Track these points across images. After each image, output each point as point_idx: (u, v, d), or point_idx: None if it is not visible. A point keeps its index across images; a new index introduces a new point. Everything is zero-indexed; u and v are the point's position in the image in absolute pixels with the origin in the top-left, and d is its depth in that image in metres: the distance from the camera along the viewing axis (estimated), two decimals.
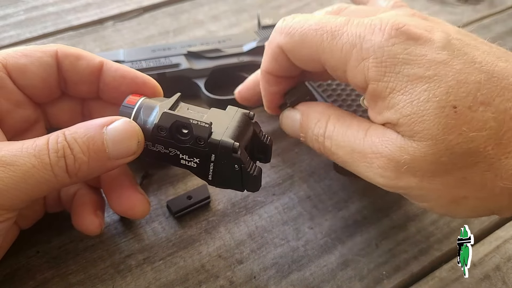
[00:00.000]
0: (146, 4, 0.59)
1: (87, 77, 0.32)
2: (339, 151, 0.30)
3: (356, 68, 0.28)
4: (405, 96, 0.26)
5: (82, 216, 0.32)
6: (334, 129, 0.31)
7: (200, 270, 0.35)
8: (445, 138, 0.25)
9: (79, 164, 0.27)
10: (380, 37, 0.27)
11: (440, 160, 0.26)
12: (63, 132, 0.27)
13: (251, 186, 0.30)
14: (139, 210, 0.33)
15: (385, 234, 0.38)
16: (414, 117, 0.26)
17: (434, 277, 0.35)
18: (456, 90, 0.25)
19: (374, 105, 0.29)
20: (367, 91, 0.28)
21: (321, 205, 0.39)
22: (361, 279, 0.35)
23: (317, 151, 0.33)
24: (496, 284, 0.35)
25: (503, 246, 0.38)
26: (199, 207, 0.38)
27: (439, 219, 0.39)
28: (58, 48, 0.31)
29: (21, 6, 0.57)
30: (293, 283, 0.34)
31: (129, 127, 0.28)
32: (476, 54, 0.27)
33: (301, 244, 0.37)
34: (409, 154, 0.26)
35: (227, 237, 0.37)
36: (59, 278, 0.33)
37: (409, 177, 0.27)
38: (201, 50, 0.47)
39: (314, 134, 0.32)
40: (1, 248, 0.30)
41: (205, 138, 0.28)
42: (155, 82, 0.33)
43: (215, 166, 0.29)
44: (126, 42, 0.53)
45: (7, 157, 0.25)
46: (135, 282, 0.33)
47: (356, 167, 0.30)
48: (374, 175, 0.28)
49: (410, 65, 0.26)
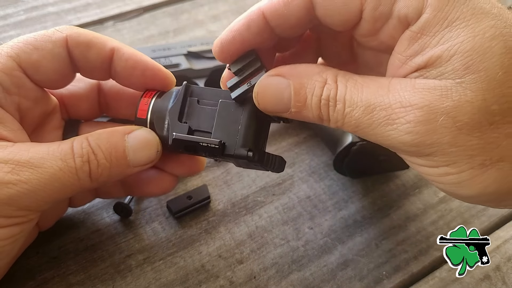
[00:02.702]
0: (146, 4, 0.59)
1: (99, 66, 0.31)
2: (354, 112, 0.25)
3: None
4: (467, 30, 0.23)
5: (155, 179, 0.34)
6: (347, 89, 0.26)
7: (200, 270, 0.35)
8: (504, 82, 0.22)
9: (102, 169, 0.28)
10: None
11: (490, 109, 0.23)
12: (86, 137, 0.28)
13: (276, 171, 0.31)
14: (200, 163, 0.34)
15: (385, 234, 0.38)
16: (474, 55, 0.23)
17: (434, 277, 0.35)
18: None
19: (407, 48, 0.25)
20: (415, 24, 0.25)
21: (321, 205, 0.39)
22: (361, 279, 0.35)
23: (320, 119, 0.27)
24: (496, 284, 0.35)
25: (503, 246, 0.38)
26: (199, 207, 0.38)
27: (439, 219, 0.39)
28: (68, 34, 0.30)
29: (21, 6, 0.57)
30: (293, 283, 0.34)
31: (150, 137, 0.30)
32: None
33: (301, 244, 0.37)
34: (453, 100, 0.23)
35: (227, 237, 0.37)
36: (59, 278, 0.33)
37: (444, 131, 0.23)
38: (201, 50, 0.47)
39: (323, 99, 0.26)
40: (20, 249, 0.31)
41: (218, 155, 0.29)
42: (165, 72, 0.32)
43: (236, 162, 0.31)
44: (126, 42, 0.53)
45: (35, 159, 0.26)
46: (135, 282, 0.33)
47: (374, 129, 0.25)
48: (398, 133, 0.24)
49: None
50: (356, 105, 0.25)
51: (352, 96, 0.26)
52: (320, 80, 0.26)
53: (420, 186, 0.42)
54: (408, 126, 0.24)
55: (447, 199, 0.41)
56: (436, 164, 0.25)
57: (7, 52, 0.29)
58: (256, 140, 0.29)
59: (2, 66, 0.28)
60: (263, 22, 0.27)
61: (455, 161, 0.24)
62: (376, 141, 0.26)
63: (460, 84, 0.23)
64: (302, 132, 0.45)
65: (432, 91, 0.24)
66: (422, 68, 0.25)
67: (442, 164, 0.25)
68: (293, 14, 0.27)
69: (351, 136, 0.38)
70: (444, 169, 0.25)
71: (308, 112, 0.27)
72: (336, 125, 0.27)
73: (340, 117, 0.26)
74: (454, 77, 0.23)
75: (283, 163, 0.31)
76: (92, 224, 0.37)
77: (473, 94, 0.23)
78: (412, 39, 0.25)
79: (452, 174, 0.25)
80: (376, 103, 0.25)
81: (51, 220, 0.34)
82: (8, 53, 0.29)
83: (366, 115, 0.25)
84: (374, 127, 0.25)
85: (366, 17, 0.26)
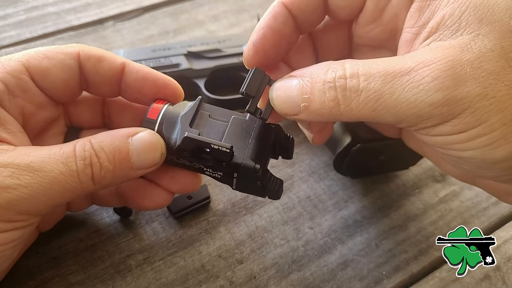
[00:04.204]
0: (146, 4, 0.59)
1: (109, 79, 0.32)
2: (372, 84, 0.24)
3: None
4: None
5: (150, 193, 0.33)
6: (359, 65, 0.25)
7: (200, 270, 0.35)
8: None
9: (105, 172, 0.27)
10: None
11: (509, 56, 0.23)
12: (89, 140, 0.28)
13: (273, 196, 0.31)
14: (196, 181, 0.33)
15: (385, 234, 0.38)
16: (484, 9, 0.23)
17: (434, 277, 0.35)
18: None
19: (418, 19, 0.26)
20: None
21: (321, 205, 0.39)
22: (361, 279, 0.35)
23: (329, 109, 0.25)
24: (496, 284, 0.35)
25: (503, 246, 0.38)
26: (199, 207, 0.38)
27: (439, 219, 0.39)
28: (80, 49, 0.31)
29: (21, 6, 0.57)
30: (293, 283, 0.34)
31: (154, 139, 0.29)
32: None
33: (301, 244, 0.37)
34: (474, 51, 0.23)
35: (227, 237, 0.37)
36: (59, 278, 0.33)
37: (473, 82, 0.23)
38: (201, 50, 0.47)
39: (328, 82, 0.25)
40: (20, 251, 0.31)
41: (226, 162, 0.28)
42: (176, 84, 0.33)
43: (237, 180, 0.30)
44: (126, 42, 0.53)
45: (35, 163, 0.26)
46: (135, 282, 0.33)
47: (398, 97, 0.23)
48: (426, 94, 0.23)
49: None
50: (373, 76, 0.24)
51: (367, 69, 0.24)
52: (326, 69, 0.25)
53: (420, 186, 0.42)
54: (436, 83, 0.23)
55: (447, 199, 0.41)
56: (466, 126, 0.23)
57: (17, 57, 0.30)
58: (263, 158, 0.30)
59: (10, 69, 0.29)
60: (286, 12, 0.28)
61: (486, 118, 0.23)
62: (400, 115, 0.24)
63: (477, 36, 0.23)
64: (302, 132, 0.45)
65: (452, 48, 0.23)
66: (435, 32, 0.25)
67: (472, 126, 0.23)
68: (309, 1, 0.28)
69: (351, 136, 0.38)
70: (474, 131, 0.23)
71: (316, 104, 0.25)
72: (349, 109, 0.25)
73: (354, 95, 0.24)
74: (470, 31, 0.23)
75: (281, 187, 0.31)
76: (92, 224, 0.37)
77: (492, 43, 0.23)
78: (421, 8, 0.25)
79: (484, 135, 0.23)
80: (396, 70, 0.24)
81: (50, 223, 0.34)
82: (18, 58, 0.29)
83: (386, 84, 0.24)
84: (397, 96, 0.23)
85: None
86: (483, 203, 0.41)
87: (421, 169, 0.43)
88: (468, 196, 0.41)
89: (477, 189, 0.41)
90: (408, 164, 0.42)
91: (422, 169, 0.43)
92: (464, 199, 0.41)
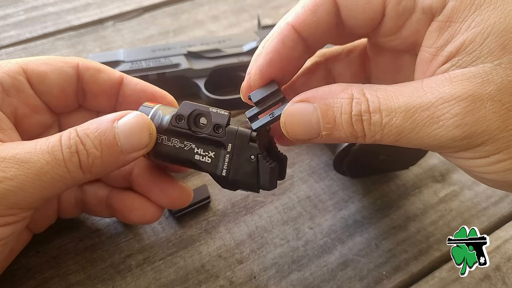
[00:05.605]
0: (146, 4, 0.59)
1: (108, 90, 0.32)
2: (394, 120, 0.24)
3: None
4: (496, 12, 0.23)
5: (138, 207, 0.33)
6: (380, 99, 0.25)
7: (200, 270, 0.35)
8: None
9: (92, 159, 0.27)
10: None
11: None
12: (75, 128, 0.27)
13: (267, 181, 0.28)
14: (186, 196, 0.33)
15: (385, 234, 0.38)
16: (508, 34, 0.23)
17: (434, 277, 0.35)
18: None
19: (436, 39, 0.25)
20: (442, 13, 0.25)
21: (321, 205, 0.39)
22: (361, 279, 0.35)
23: (354, 137, 0.26)
24: (496, 284, 0.35)
25: (503, 246, 0.38)
26: (199, 207, 0.38)
27: (439, 219, 0.39)
28: (80, 60, 0.32)
29: (21, 6, 0.57)
30: (293, 283, 0.34)
31: (140, 120, 0.28)
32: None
33: (301, 244, 0.37)
34: (496, 83, 0.23)
35: (227, 237, 0.37)
36: (59, 278, 0.33)
37: (493, 116, 0.23)
38: (201, 50, 0.47)
39: (354, 115, 0.25)
40: (13, 250, 0.31)
41: (223, 125, 0.28)
42: (172, 97, 0.34)
43: (231, 158, 0.28)
44: (126, 42, 0.53)
45: (21, 154, 0.25)
46: (135, 282, 0.33)
47: (418, 132, 0.24)
48: (446, 130, 0.24)
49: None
50: (395, 112, 0.24)
51: (388, 104, 0.25)
52: (346, 97, 0.25)
53: (420, 186, 0.42)
54: (456, 120, 0.23)
55: (447, 199, 0.41)
56: (487, 153, 0.24)
57: (16, 60, 0.30)
58: (260, 139, 0.29)
59: (6, 69, 0.29)
60: (295, 35, 0.27)
61: (508, 146, 0.24)
62: (421, 145, 0.25)
63: (499, 65, 0.23)
64: None
65: (472, 80, 0.23)
66: (454, 57, 0.24)
67: (493, 152, 0.24)
68: (322, 21, 0.27)
69: None
70: (496, 157, 0.24)
71: (340, 132, 0.26)
72: (373, 139, 0.25)
73: (378, 129, 0.25)
74: (492, 59, 0.23)
75: (276, 170, 0.29)
76: (92, 224, 0.37)
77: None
78: (441, 29, 0.25)
79: (505, 160, 0.24)
80: (417, 105, 0.24)
81: (41, 225, 0.33)
82: (18, 61, 0.30)
83: (407, 120, 0.24)
84: (418, 130, 0.24)
85: (389, 13, 0.26)
86: (483, 203, 0.41)
87: (421, 169, 0.43)
88: (468, 196, 0.41)
89: (477, 189, 0.41)
90: (408, 164, 0.42)
91: (422, 169, 0.43)
92: (464, 199, 0.41)
